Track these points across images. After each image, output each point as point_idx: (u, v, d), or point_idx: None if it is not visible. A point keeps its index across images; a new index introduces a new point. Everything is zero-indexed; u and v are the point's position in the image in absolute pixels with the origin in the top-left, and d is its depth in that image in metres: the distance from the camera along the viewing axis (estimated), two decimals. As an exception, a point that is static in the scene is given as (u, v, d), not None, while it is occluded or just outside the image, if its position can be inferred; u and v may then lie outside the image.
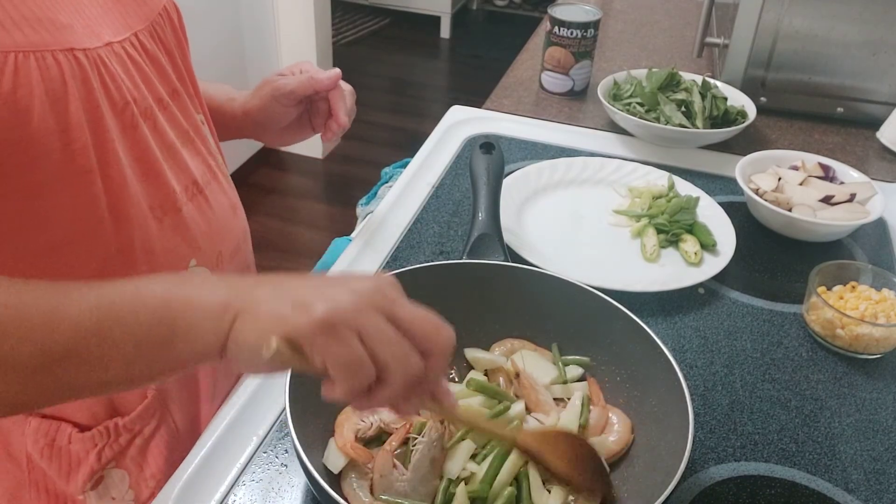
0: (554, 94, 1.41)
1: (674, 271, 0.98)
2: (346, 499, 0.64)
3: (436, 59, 4.20)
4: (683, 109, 1.23)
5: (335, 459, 0.66)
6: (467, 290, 0.78)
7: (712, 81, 1.29)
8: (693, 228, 1.03)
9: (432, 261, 0.93)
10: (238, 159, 2.93)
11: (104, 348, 0.52)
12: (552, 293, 0.78)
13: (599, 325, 0.76)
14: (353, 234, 1.05)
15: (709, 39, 1.37)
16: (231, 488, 0.69)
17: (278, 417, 0.76)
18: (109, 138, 0.65)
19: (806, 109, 1.35)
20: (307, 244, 2.76)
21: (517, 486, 0.65)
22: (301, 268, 2.44)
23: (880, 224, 1.09)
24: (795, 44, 1.29)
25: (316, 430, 0.67)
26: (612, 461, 0.69)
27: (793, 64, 1.31)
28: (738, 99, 1.29)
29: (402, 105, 3.72)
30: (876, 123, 1.30)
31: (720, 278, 0.96)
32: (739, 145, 1.25)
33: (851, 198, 1.04)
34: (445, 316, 0.67)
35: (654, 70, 1.29)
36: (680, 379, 0.67)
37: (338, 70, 0.89)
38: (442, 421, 0.67)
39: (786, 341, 0.89)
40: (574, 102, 1.39)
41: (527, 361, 0.76)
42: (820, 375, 0.85)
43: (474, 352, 0.78)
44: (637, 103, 1.26)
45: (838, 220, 1.01)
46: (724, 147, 1.24)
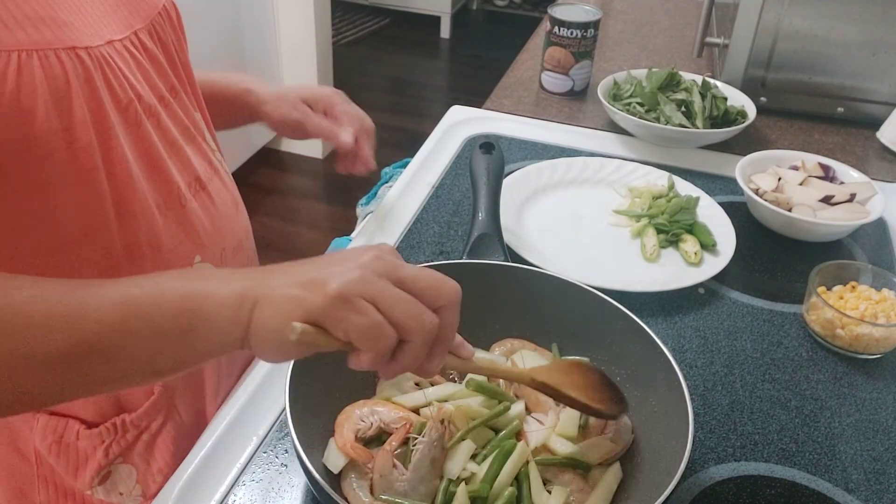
0: (554, 94, 1.41)
1: (674, 271, 0.98)
2: (346, 499, 0.64)
3: (436, 59, 4.20)
4: (683, 109, 1.23)
5: (335, 459, 0.66)
6: (467, 290, 0.77)
7: (712, 81, 1.29)
8: (693, 228, 1.03)
9: (432, 261, 0.93)
10: (238, 159, 2.93)
11: (128, 342, 0.54)
12: (552, 293, 0.78)
13: (599, 325, 0.76)
14: (353, 234, 1.05)
15: (709, 39, 1.37)
16: (231, 488, 0.69)
17: (278, 417, 0.76)
18: (114, 136, 0.65)
19: (806, 109, 1.35)
20: (307, 244, 2.76)
21: (517, 487, 0.65)
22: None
23: (880, 224, 1.09)
24: (795, 44, 1.29)
25: (316, 430, 0.67)
26: (612, 461, 0.69)
27: (793, 64, 1.31)
28: (738, 99, 1.29)
29: (402, 105, 3.72)
30: (876, 123, 1.30)
31: (720, 278, 0.96)
32: (739, 145, 1.25)
33: (851, 198, 1.04)
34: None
35: (654, 70, 1.29)
36: (680, 379, 0.67)
37: (355, 130, 0.99)
38: (442, 421, 0.67)
39: (786, 341, 0.89)
40: (574, 102, 1.39)
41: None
42: (820, 375, 0.85)
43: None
44: (637, 103, 1.26)
45: (838, 220, 1.01)
46: (724, 147, 1.24)
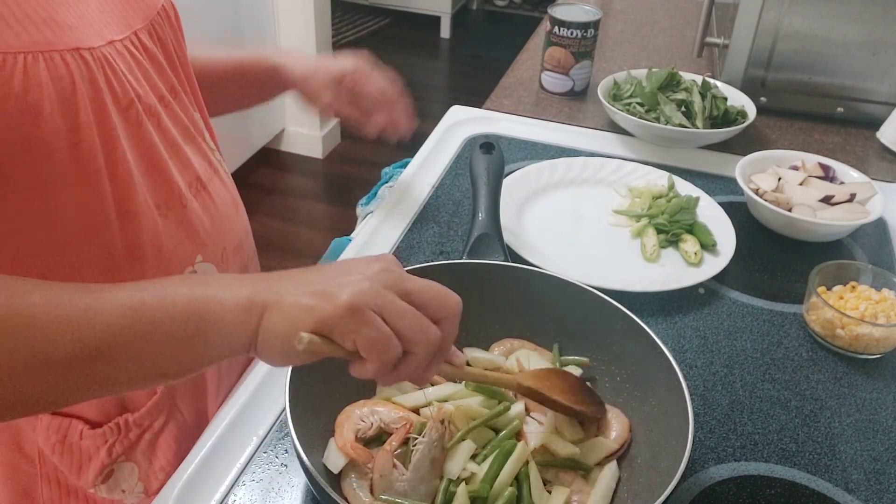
0: (554, 94, 1.41)
1: (674, 271, 0.98)
2: (346, 499, 0.64)
3: (436, 59, 4.20)
4: (683, 109, 1.23)
5: (335, 459, 0.66)
6: (467, 290, 0.77)
7: (712, 81, 1.29)
8: (693, 228, 1.03)
9: (432, 261, 0.93)
10: (238, 159, 2.92)
11: (135, 346, 0.54)
12: (552, 293, 0.78)
13: (599, 325, 0.76)
14: (353, 234, 1.05)
15: (709, 39, 1.37)
16: (231, 488, 0.69)
17: (278, 417, 0.76)
18: (116, 136, 0.65)
19: (806, 109, 1.35)
20: (307, 244, 2.76)
21: (518, 487, 0.65)
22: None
23: (880, 224, 1.09)
24: (795, 44, 1.29)
25: (316, 430, 0.67)
26: (611, 460, 0.69)
27: (793, 64, 1.31)
28: (738, 99, 1.29)
29: (403, 105, 3.71)
30: (876, 123, 1.30)
31: (720, 278, 0.96)
32: (739, 145, 1.25)
33: (851, 198, 1.04)
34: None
35: (654, 70, 1.29)
36: (680, 379, 0.67)
37: (379, 114, 0.99)
38: (442, 421, 0.67)
39: (786, 341, 0.89)
40: (574, 102, 1.39)
41: (526, 361, 0.75)
42: (820, 375, 0.85)
43: (474, 351, 0.78)
44: (637, 103, 1.26)
45: (838, 220, 1.01)
46: (724, 147, 1.24)
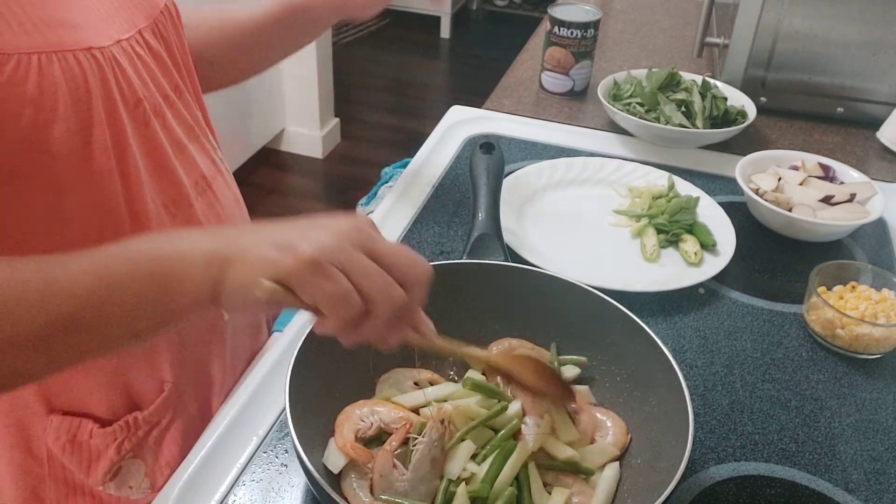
0: (554, 94, 1.40)
1: (674, 271, 0.98)
2: (346, 499, 0.64)
3: (436, 59, 4.20)
4: (683, 109, 1.23)
5: (335, 459, 0.66)
6: (467, 290, 0.78)
7: (712, 81, 1.29)
8: (693, 228, 1.03)
9: (432, 261, 0.93)
10: (238, 159, 2.92)
11: (104, 311, 0.54)
12: (552, 293, 0.78)
13: (599, 325, 0.76)
14: (353, 234, 1.05)
15: (709, 39, 1.37)
16: (231, 488, 0.69)
17: (278, 417, 0.76)
18: (126, 136, 0.66)
19: (806, 109, 1.35)
20: (307, 244, 2.76)
21: (518, 487, 0.65)
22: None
23: (880, 224, 1.09)
24: (795, 44, 1.29)
25: (316, 430, 0.67)
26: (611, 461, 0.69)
27: (793, 64, 1.31)
28: (738, 99, 1.29)
29: (402, 105, 3.72)
30: (876, 123, 1.30)
31: (720, 278, 0.96)
32: (739, 145, 1.24)
33: (851, 198, 1.04)
34: (445, 316, 0.68)
35: (654, 70, 1.29)
36: (680, 379, 0.67)
37: None
38: (442, 421, 0.67)
39: (786, 341, 0.89)
40: (574, 102, 1.39)
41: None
42: (820, 375, 0.85)
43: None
44: (637, 103, 1.26)
45: (838, 220, 1.01)
46: (724, 147, 1.24)
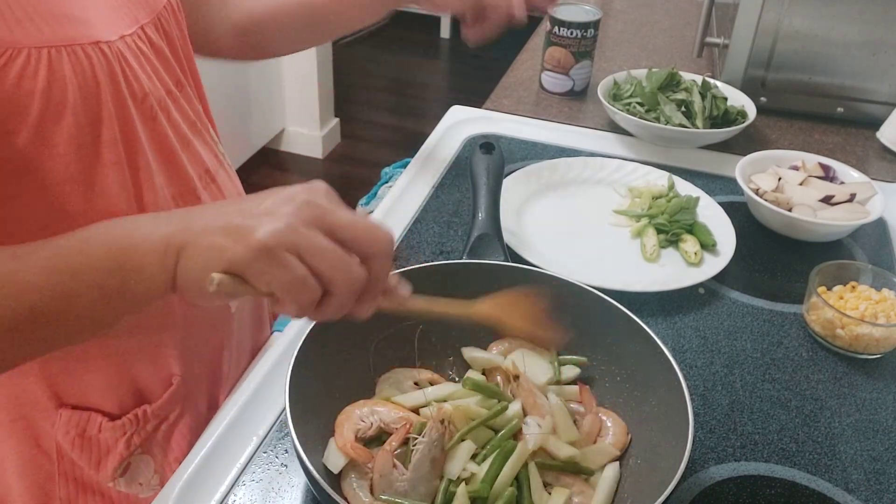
0: (554, 94, 1.40)
1: (674, 271, 0.98)
2: (346, 499, 0.64)
3: (436, 59, 4.20)
4: (683, 109, 1.23)
5: (335, 459, 0.66)
6: (467, 290, 0.78)
7: (712, 81, 1.29)
8: (693, 228, 1.03)
9: (432, 261, 0.93)
10: (238, 159, 2.93)
11: (65, 303, 0.54)
12: (552, 293, 0.78)
13: (599, 325, 0.76)
14: (353, 234, 1.05)
15: (709, 39, 1.37)
16: (231, 488, 0.69)
17: (278, 417, 0.76)
18: (135, 130, 0.66)
19: (806, 109, 1.35)
20: (307, 244, 2.76)
21: (518, 487, 0.65)
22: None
23: (880, 224, 1.09)
24: (795, 44, 1.29)
25: (316, 430, 0.67)
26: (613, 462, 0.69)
27: (793, 64, 1.31)
28: (738, 99, 1.29)
29: (402, 105, 3.72)
30: (876, 123, 1.30)
31: (720, 278, 0.96)
32: (739, 145, 1.24)
33: (851, 198, 1.04)
34: (445, 316, 0.68)
35: (654, 70, 1.29)
36: (680, 379, 0.67)
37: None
38: (442, 421, 0.67)
39: (786, 341, 0.89)
40: (574, 102, 1.39)
41: (524, 361, 0.75)
42: (820, 375, 0.85)
43: (472, 351, 0.78)
44: (637, 103, 1.26)
45: (838, 220, 1.01)
46: (724, 147, 1.24)
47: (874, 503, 0.72)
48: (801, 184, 1.06)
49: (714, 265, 0.97)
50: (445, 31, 4.33)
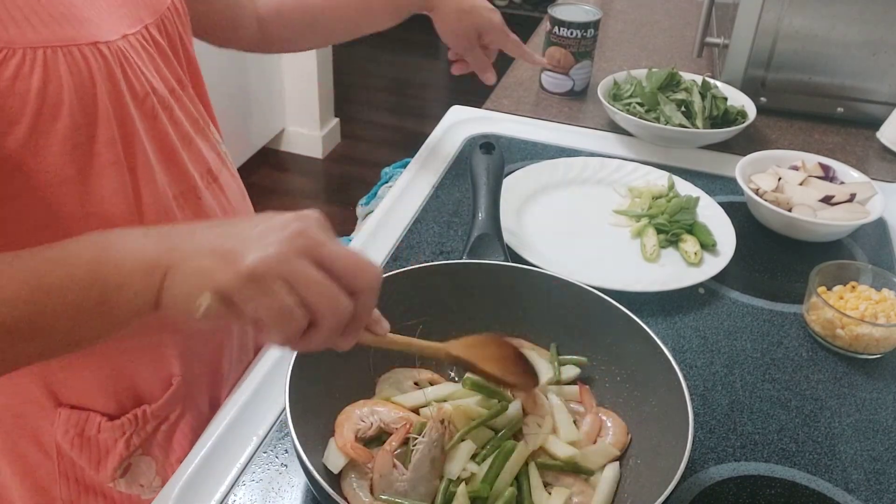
0: (554, 94, 1.40)
1: (674, 271, 0.98)
2: (346, 499, 0.64)
3: (436, 59, 4.19)
4: (683, 109, 1.23)
5: (335, 459, 0.66)
6: (467, 290, 0.78)
7: (712, 81, 1.29)
8: (693, 228, 1.03)
9: (432, 261, 0.93)
10: (238, 159, 2.93)
11: (43, 320, 0.53)
12: (552, 293, 0.78)
13: (599, 325, 0.76)
14: (353, 234, 1.05)
15: (709, 39, 1.37)
16: (231, 488, 0.69)
17: (278, 417, 0.76)
18: (134, 129, 0.66)
19: (806, 109, 1.35)
20: (307, 244, 2.76)
21: (518, 487, 0.65)
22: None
23: (880, 224, 1.09)
24: (795, 44, 1.29)
25: (316, 430, 0.67)
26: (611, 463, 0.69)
27: (793, 64, 1.31)
28: (738, 99, 1.29)
29: (402, 105, 3.71)
30: (876, 123, 1.30)
31: (720, 278, 0.96)
32: (739, 145, 1.25)
33: (851, 198, 1.04)
34: (445, 316, 0.67)
35: (654, 70, 1.29)
36: (680, 379, 0.67)
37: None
38: (442, 421, 0.67)
39: (786, 341, 0.89)
40: (574, 102, 1.39)
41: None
42: (820, 375, 0.85)
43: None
44: (637, 103, 1.26)
45: (838, 220, 1.01)
46: (724, 147, 1.24)
47: (874, 503, 0.72)
48: (801, 184, 1.06)
49: (714, 265, 0.97)
50: (445, 31, 4.32)
